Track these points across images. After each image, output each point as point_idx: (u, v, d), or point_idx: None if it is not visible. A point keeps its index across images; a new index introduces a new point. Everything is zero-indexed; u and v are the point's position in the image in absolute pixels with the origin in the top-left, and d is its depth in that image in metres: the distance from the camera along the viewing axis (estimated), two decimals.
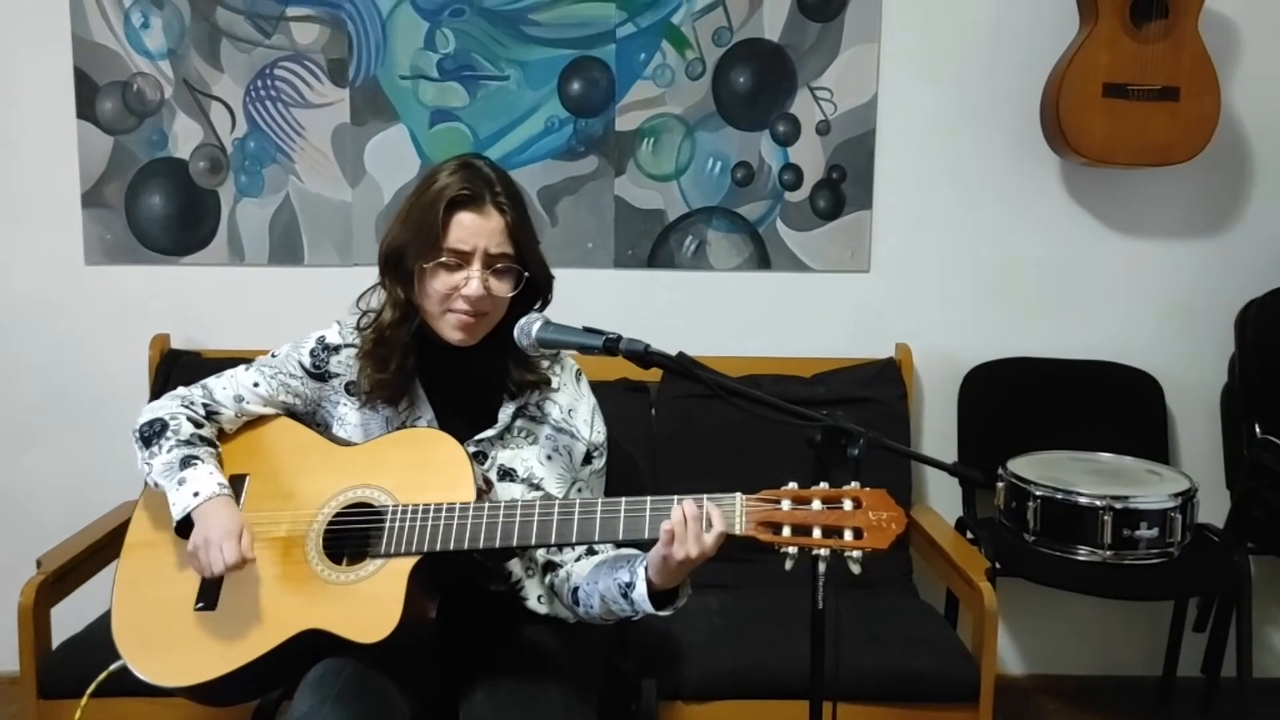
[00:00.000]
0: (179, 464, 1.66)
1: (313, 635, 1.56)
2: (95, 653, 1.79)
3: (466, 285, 1.63)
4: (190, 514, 1.63)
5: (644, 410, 2.72)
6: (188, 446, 1.69)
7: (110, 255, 2.80)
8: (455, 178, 1.65)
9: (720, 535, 1.50)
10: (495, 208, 1.65)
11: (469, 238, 1.63)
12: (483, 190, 1.65)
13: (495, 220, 1.65)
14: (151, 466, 1.69)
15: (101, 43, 2.72)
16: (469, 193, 1.64)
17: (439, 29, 2.74)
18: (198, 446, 1.70)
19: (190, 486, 1.64)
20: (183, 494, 1.64)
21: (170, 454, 1.68)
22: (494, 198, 1.65)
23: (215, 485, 1.65)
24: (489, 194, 1.65)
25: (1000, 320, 2.86)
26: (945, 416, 2.85)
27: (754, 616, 2.37)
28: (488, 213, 1.65)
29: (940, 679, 2.21)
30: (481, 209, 1.65)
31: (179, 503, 1.64)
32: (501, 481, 1.73)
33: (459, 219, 1.64)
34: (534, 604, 1.76)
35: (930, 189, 2.83)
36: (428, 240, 1.63)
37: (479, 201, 1.64)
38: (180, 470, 1.66)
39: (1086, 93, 2.60)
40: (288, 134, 2.77)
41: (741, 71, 2.78)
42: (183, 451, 1.68)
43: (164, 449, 1.68)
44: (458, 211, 1.64)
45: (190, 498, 1.63)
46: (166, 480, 1.66)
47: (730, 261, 2.85)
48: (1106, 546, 2.39)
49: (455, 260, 1.64)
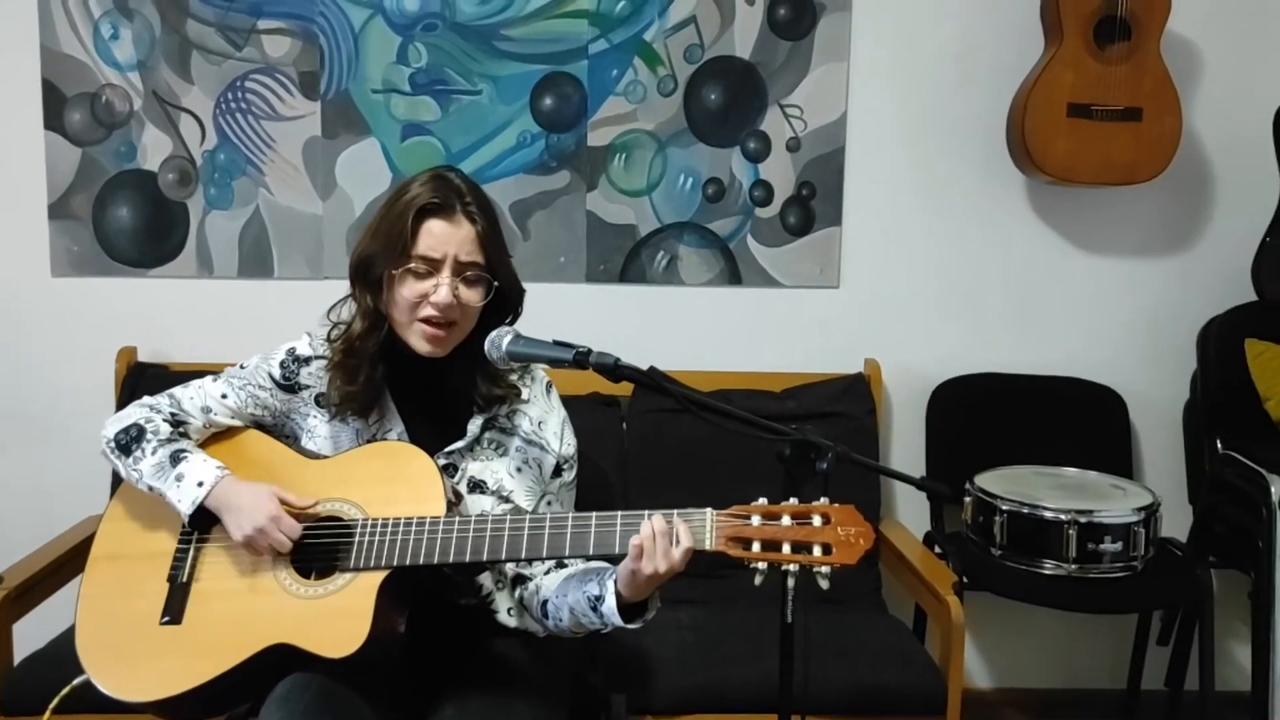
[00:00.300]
0: (170, 461, 1.66)
1: (280, 650, 1.55)
2: (58, 669, 1.76)
3: (436, 293, 1.63)
4: (206, 506, 1.62)
5: (615, 424, 2.73)
6: (171, 444, 1.68)
7: (77, 267, 2.77)
8: (426, 187, 1.66)
9: (688, 551, 1.50)
10: (465, 216, 1.66)
11: (438, 245, 1.64)
12: (453, 199, 1.66)
13: (465, 229, 1.66)
14: (140, 471, 1.67)
15: (70, 54, 2.70)
16: (439, 201, 1.65)
17: (411, 43, 2.75)
18: (180, 441, 1.70)
19: (191, 479, 1.64)
20: (186, 488, 1.63)
21: (157, 455, 1.67)
22: (464, 207, 1.66)
23: (214, 470, 1.65)
24: (459, 203, 1.66)
25: (968, 336, 2.89)
26: (914, 431, 2.88)
27: (724, 632, 2.37)
28: (458, 221, 1.66)
29: (908, 692, 2.22)
30: (451, 217, 1.65)
31: (185, 497, 1.63)
32: (471, 494, 1.73)
33: (428, 226, 1.64)
34: (504, 617, 1.76)
35: (899, 206, 2.86)
36: (397, 247, 1.64)
37: (449, 210, 1.65)
38: (174, 467, 1.65)
39: (1051, 112, 2.64)
40: (258, 146, 2.76)
41: (713, 88, 2.80)
42: (169, 449, 1.67)
43: (148, 452, 1.67)
44: (427, 219, 1.64)
45: (196, 489, 1.63)
46: (161, 481, 1.65)
47: (701, 277, 2.86)
48: (1071, 560, 2.41)
49: (425, 268, 1.64)
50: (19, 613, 2.24)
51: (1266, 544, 2.46)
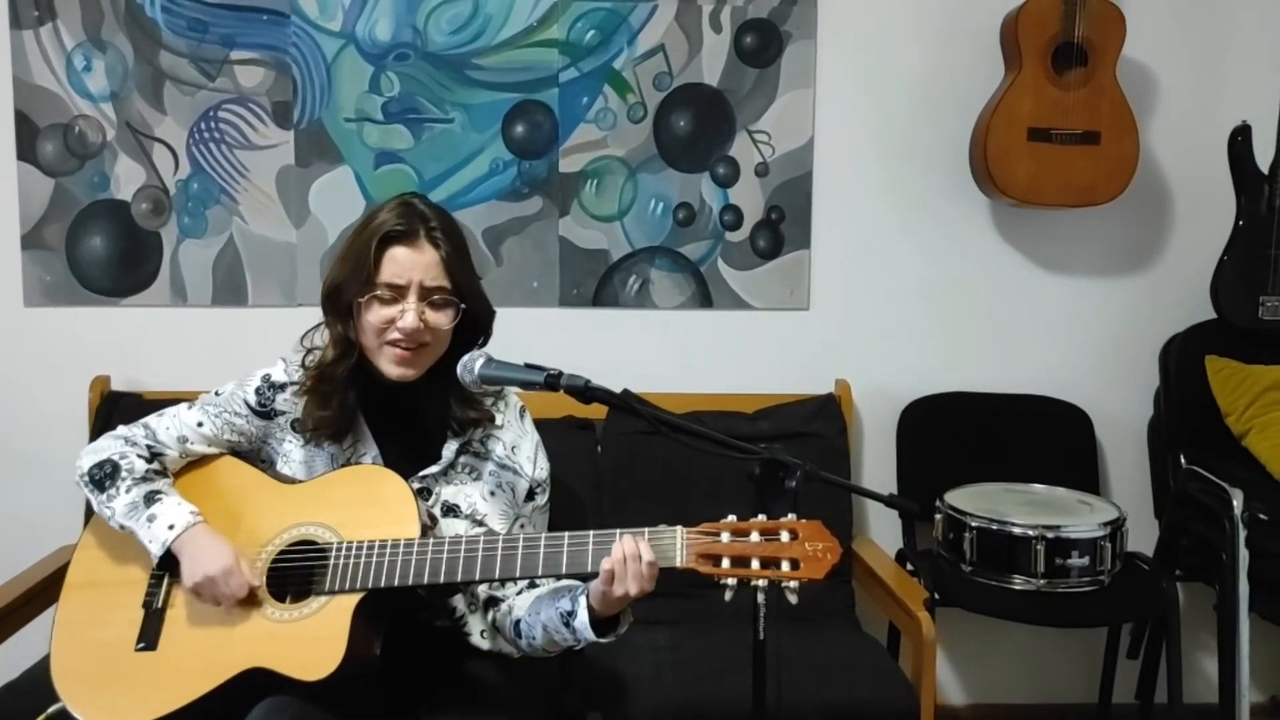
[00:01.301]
0: (143, 501, 1.66)
1: (256, 674, 1.56)
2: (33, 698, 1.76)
3: (402, 318, 1.66)
4: (170, 548, 1.62)
5: (589, 447, 2.75)
6: (146, 483, 1.69)
7: (50, 297, 2.78)
8: (391, 214, 1.69)
9: (656, 569, 1.53)
10: (429, 242, 1.69)
11: (403, 271, 1.67)
12: (417, 225, 1.68)
13: (429, 254, 1.68)
14: (114, 509, 1.68)
15: (43, 85, 2.72)
16: (403, 228, 1.67)
17: (384, 73, 2.78)
18: (155, 480, 1.70)
19: (163, 520, 1.64)
20: (157, 529, 1.64)
21: (130, 493, 1.67)
22: (429, 232, 1.69)
23: (187, 515, 1.66)
24: (424, 229, 1.69)
25: (936, 356, 2.94)
26: (885, 450, 2.91)
27: (699, 651, 2.39)
28: (421, 246, 1.68)
29: (881, 709, 2.24)
30: (415, 243, 1.68)
31: (156, 539, 1.64)
32: (445, 517, 1.74)
33: (392, 254, 1.67)
34: (477, 640, 1.78)
35: (867, 229, 2.91)
36: (362, 275, 1.66)
37: (412, 236, 1.68)
38: (147, 507, 1.66)
39: (1011, 137, 2.70)
40: (231, 176, 2.78)
41: (682, 115, 2.85)
42: (144, 488, 1.68)
43: (122, 489, 1.68)
44: (391, 246, 1.67)
45: (166, 531, 1.63)
46: (133, 520, 1.66)
47: (673, 300, 2.90)
48: (1040, 575, 2.44)
49: (390, 294, 1.67)
50: None
51: (1230, 557, 2.50)
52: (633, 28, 2.80)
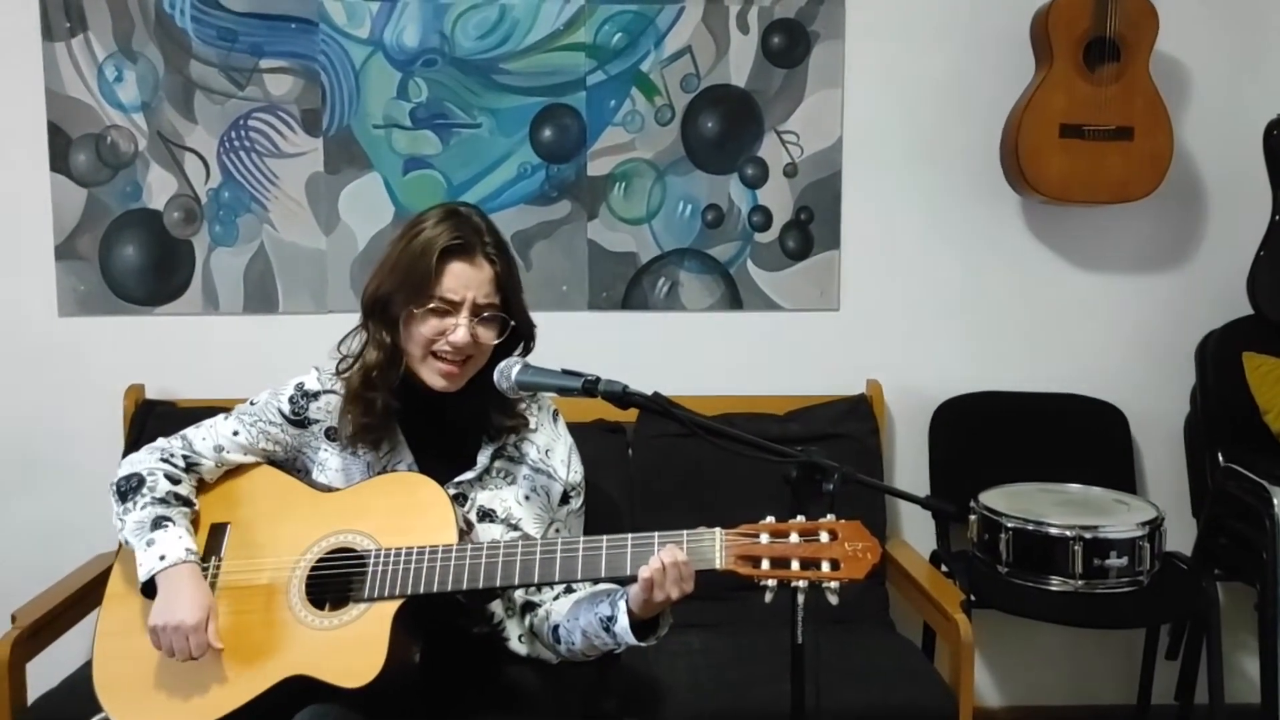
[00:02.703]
0: (150, 524, 1.67)
1: (297, 681, 1.56)
2: (72, 707, 1.78)
3: (454, 333, 1.66)
4: (154, 577, 1.63)
5: (621, 450, 2.74)
6: (161, 506, 1.69)
7: (84, 306, 2.80)
8: (445, 226, 1.68)
9: (693, 572, 1.53)
10: (485, 258, 1.69)
11: (459, 287, 1.67)
12: (474, 240, 1.69)
13: (485, 270, 1.69)
14: (124, 523, 1.69)
15: (75, 96, 2.74)
16: (461, 242, 1.67)
17: (411, 79, 2.79)
18: (172, 506, 1.70)
19: (157, 549, 1.64)
20: (149, 555, 1.64)
21: (143, 512, 1.68)
22: (484, 248, 1.70)
23: (182, 551, 1.65)
24: (479, 244, 1.69)
25: (968, 355, 2.91)
26: (916, 451, 2.89)
27: (735, 655, 2.38)
28: (479, 263, 1.69)
29: (919, 712, 2.22)
30: (473, 259, 1.68)
31: (145, 564, 1.64)
32: (481, 522, 1.74)
33: (451, 268, 1.67)
34: (515, 645, 1.78)
35: (896, 228, 2.89)
36: (419, 287, 1.66)
37: (471, 251, 1.68)
38: (150, 531, 1.66)
39: (1043, 134, 2.68)
40: (262, 183, 2.80)
41: (710, 116, 2.84)
42: (155, 511, 1.68)
43: (137, 506, 1.68)
44: (450, 260, 1.67)
45: (156, 561, 1.63)
46: (136, 539, 1.66)
47: (702, 302, 2.89)
48: (1077, 576, 2.42)
49: (444, 307, 1.67)
50: (32, 652, 2.24)
51: (1271, 556, 2.47)
52: (659, 30, 2.80)
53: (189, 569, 1.64)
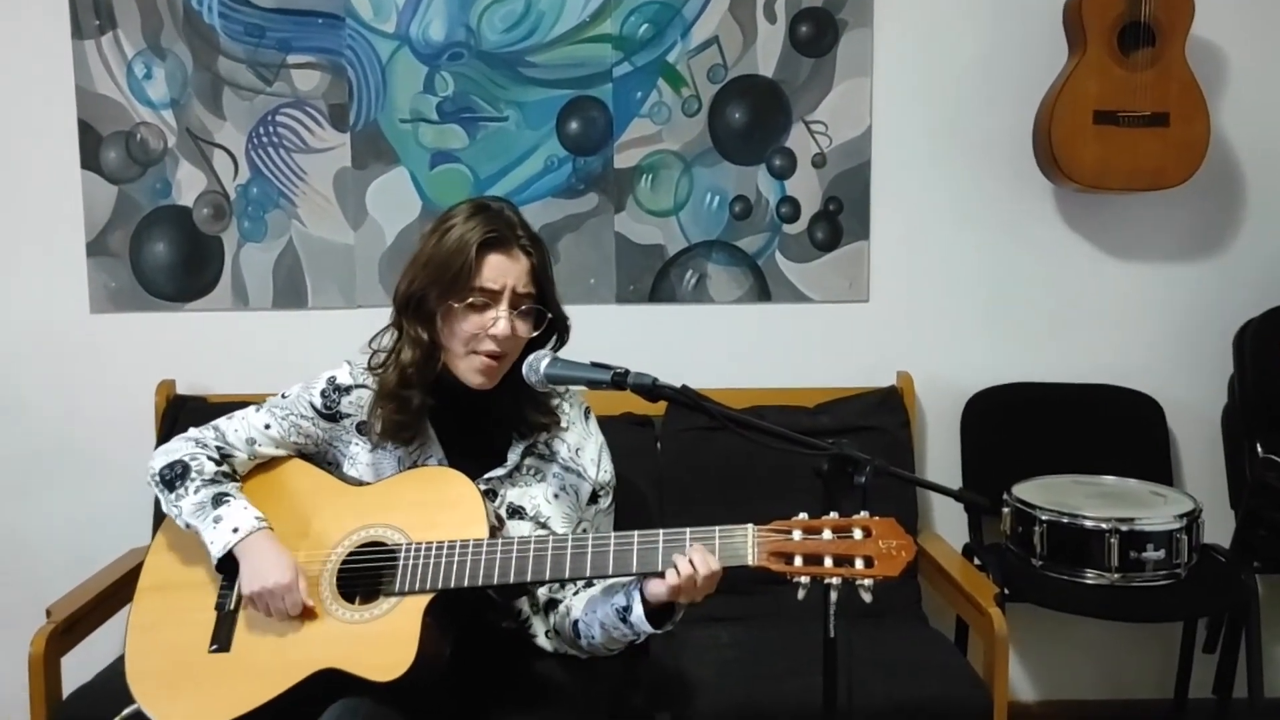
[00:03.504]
0: (211, 502, 1.68)
1: (328, 675, 1.56)
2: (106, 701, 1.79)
3: (495, 325, 1.65)
4: (232, 550, 1.63)
5: (649, 444, 2.74)
6: (215, 485, 1.70)
7: (115, 303, 2.82)
8: (478, 220, 1.68)
9: (720, 577, 1.53)
10: (521, 250, 1.69)
11: (498, 277, 1.66)
12: (509, 233, 1.69)
13: (522, 262, 1.69)
14: (181, 509, 1.69)
15: (105, 94, 2.76)
16: (497, 235, 1.67)
17: (438, 73, 2.78)
18: (224, 483, 1.71)
19: (228, 523, 1.65)
20: (221, 531, 1.65)
21: (199, 494, 1.69)
22: (519, 240, 1.70)
23: (253, 519, 1.66)
24: (514, 237, 1.69)
25: (1000, 346, 2.88)
26: (948, 443, 2.86)
27: (764, 648, 2.37)
28: (515, 255, 1.69)
29: (952, 706, 2.20)
30: (509, 251, 1.68)
31: (218, 540, 1.64)
32: (510, 519, 1.74)
33: (489, 260, 1.67)
34: (542, 640, 1.77)
35: (927, 218, 2.86)
36: (458, 281, 1.65)
37: (507, 244, 1.68)
38: (214, 509, 1.67)
39: (1077, 120, 2.64)
40: (290, 179, 2.80)
41: (737, 107, 2.82)
42: (212, 490, 1.69)
43: (191, 489, 1.69)
44: (488, 253, 1.67)
45: (230, 534, 1.64)
46: (199, 520, 1.67)
47: (731, 294, 2.87)
48: (1113, 569, 2.39)
49: (483, 301, 1.66)
50: (67, 646, 2.26)
51: None
52: (686, 20, 2.78)
53: (264, 535, 1.65)
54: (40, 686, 2.15)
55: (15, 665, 2.18)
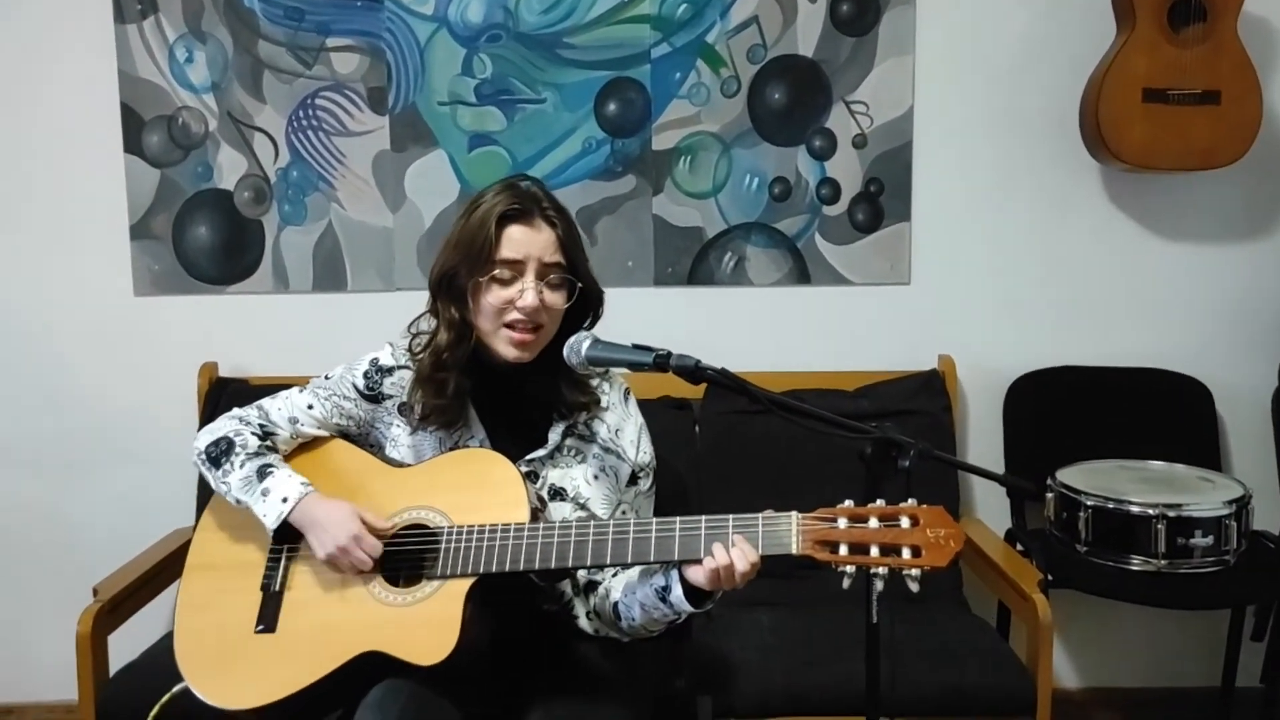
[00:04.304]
0: (256, 475, 1.69)
1: (371, 657, 1.57)
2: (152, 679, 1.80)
3: (521, 297, 1.65)
4: (288, 520, 1.65)
5: (687, 427, 2.73)
6: (259, 458, 1.71)
7: (159, 286, 2.84)
8: (503, 196, 1.68)
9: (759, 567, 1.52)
10: (545, 220, 1.68)
11: (520, 248, 1.66)
12: (531, 205, 1.68)
13: (546, 232, 1.68)
14: (229, 485, 1.70)
15: (147, 78, 2.77)
16: (519, 207, 1.67)
17: (476, 55, 2.77)
18: (267, 455, 1.73)
19: (276, 494, 1.66)
20: (271, 503, 1.66)
21: (244, 469, 1.70)
22: (542, 211, 1.68)
23: (298, 485, 1.67)
24: (537, 208, 1.68)
25: (1044, 329, 2.84)
26: (990, 428, 2.83)
27: (805, 633, 2.36)
28: (538, 225, 1.68)
29: (996, 693, 2.19)
30: (531, 222, 1.67)
31: (270, 512, 1.65)
32: (552, 501, 1.73)
33: (509, 232, 1.66)
34: (584, 623, 1.77)
35: (969, 199, 2.82)
36: (480, 255, 1.65)
37: (528, 215, 1.67)
38: (260, 482, 1.68)
39: (1126, 99, 2.59)
40: (329, 162, 2.81)
41: (776, 88, 2.79)
42: (256, 463, 1.70)
43: (236, 465, 1.70)
44: (508, 225, 1.66)
45: (280, 504, 1.65)
46: (248, 495, 1.68)
47: (770, 277, 2.85)
48: (1160, 556, 2.36)
49: (509, 274, 1.66)
50: (113, 625, 2.29)
51: None
52: (725, 0, 2.75)
53: (313, 497, 1.66)
54: (88, 664, 2.19)
55: (64, 643, 2.21)
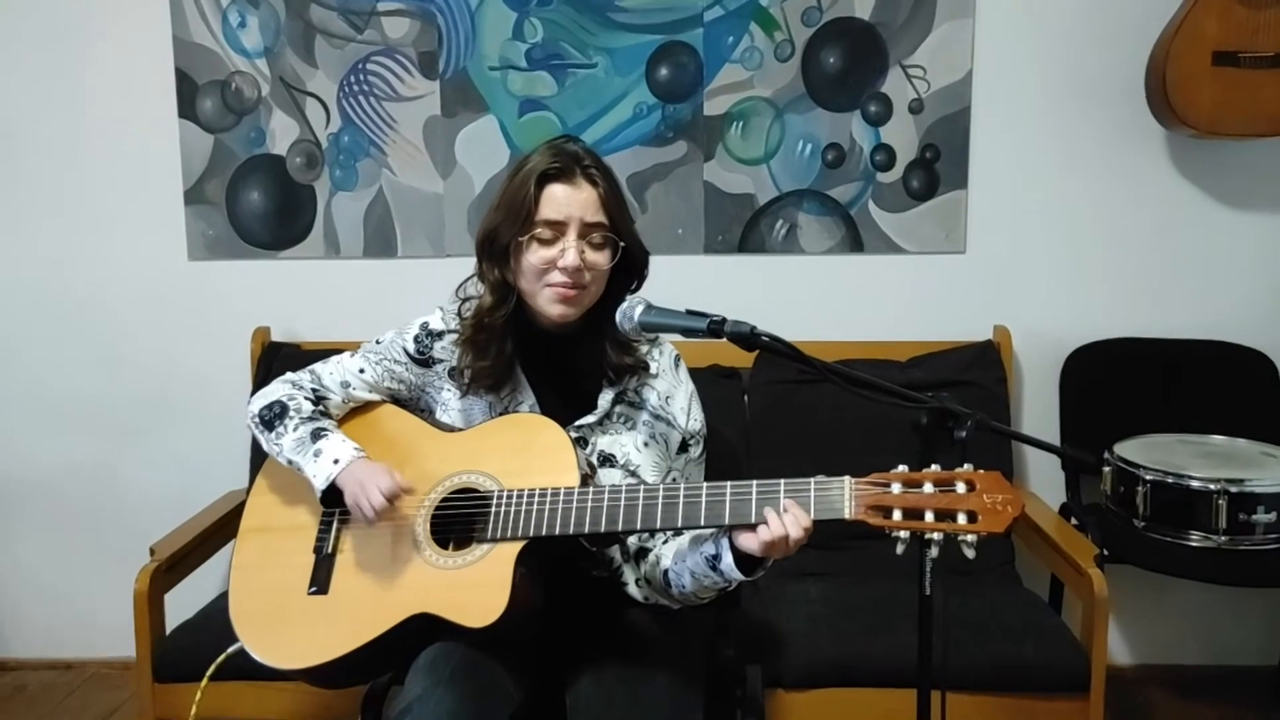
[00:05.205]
0: (310, 437, 1.70)
1: (422, 619, 1.57)
2: (208, 637, 1.84)
3: (563, 257, 1.63)
4: (335, 481, 1.65)
5: (736, 396, 2.71)
6: (312, 421, 1.72)
7: (212, 251, 2.87)
8: (544, 156, 1.67)
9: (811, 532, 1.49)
10: (586, 179, 1.67)
11: (561, 208, 1.64)
12: (572, 164, 1.66)
13: (587, 191, 1.66)
14: (282, 446, 1.72)
15: (200, 43, 2.79)
16: (559, 166, 1.65)
17: (527, 19, 2.75)
18: (321, 420, 1.74)
19: (328, 455, 1.67)
20: (322, 464, 1.67)
21: (298, 431, 1.71)
22: (584, 170, 1.67)
23: (351, 450, 1.68)
24: (579, 167, 1.66)
25: (1103, 300, 2.78)
26: (1046, 400, 2.78)
27: (854, 604, 2.34)
28: (579, 184, 1.66)
29: (1049, 669, 2.16)
30: (573, 180, 1.66)
31: (320, 473, 1.66)
32: (602, 467, 1.72)
33: (550, 191, 1.65)
34: (633, 589, 1.76)
35: (1028, 166, 2.76)
36: (520, 215, 1.64)
37: (569, 174, 1.66)
38: (313, 443, 1.69)
39: (1195, 62, 2.51)
40: (380, 128, 2.81)
41: (831, 51, 2.74)
42: (310, 426, 1.71)
43: (290, 428, 1.72)
44: (549, 184, 1.65)
45: (331, 465, 1.66)
46: (300, 456, 1.69)
47: (822, 245, 2.81)
48: (1221, 531, 2.30)
49: (550, 234, 1.65)
50: (169, 584, 2.33)
51: None
52: None
53: (361, 461, 1.67)
54: (145, 621, 2.23)
55: (122, 601, 2.25)
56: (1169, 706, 2.77)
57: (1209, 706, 2.76)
